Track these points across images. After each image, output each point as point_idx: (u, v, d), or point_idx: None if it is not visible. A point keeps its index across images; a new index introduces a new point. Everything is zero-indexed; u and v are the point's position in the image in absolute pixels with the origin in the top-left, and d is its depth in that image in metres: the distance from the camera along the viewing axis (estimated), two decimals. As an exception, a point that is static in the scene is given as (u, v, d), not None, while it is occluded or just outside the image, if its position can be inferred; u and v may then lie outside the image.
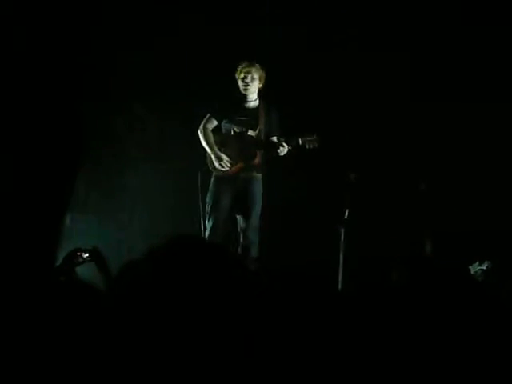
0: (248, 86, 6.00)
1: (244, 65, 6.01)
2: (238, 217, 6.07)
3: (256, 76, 6.00)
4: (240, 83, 6.02)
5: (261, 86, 6.06)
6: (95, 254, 3.73)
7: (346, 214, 5.85)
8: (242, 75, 6.00)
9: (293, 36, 6.74)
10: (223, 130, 6.13)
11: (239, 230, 6.07)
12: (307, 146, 6.01)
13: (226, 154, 6.06)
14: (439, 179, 6.56)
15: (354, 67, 6.71)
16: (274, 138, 6.07)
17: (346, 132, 6.73)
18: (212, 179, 6.09)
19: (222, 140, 6.13)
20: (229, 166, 6.04)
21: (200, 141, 6.14)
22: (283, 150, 6.01)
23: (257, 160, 6.08)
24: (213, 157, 6.07)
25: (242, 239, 6.02)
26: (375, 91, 6.71)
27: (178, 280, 1.50)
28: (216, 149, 6.08)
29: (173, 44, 6.76)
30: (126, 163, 6.97)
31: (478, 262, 5.34)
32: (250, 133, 6.07)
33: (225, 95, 6.15)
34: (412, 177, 6.60)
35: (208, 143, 6.10)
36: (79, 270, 3.62)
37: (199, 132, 6.14)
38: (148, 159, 7.06)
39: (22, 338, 1.55)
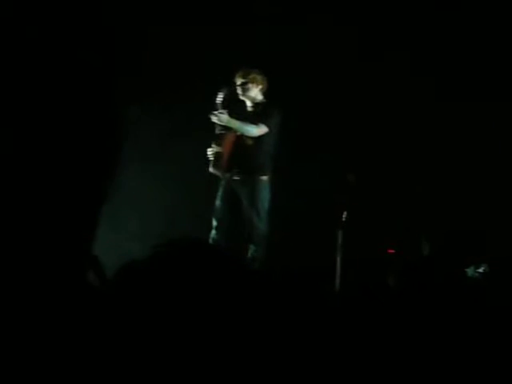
0: (245, 91, 6.07)
1: (241, 72, 6.08)
2: (248, 216, 6.05)
3: (253, 82, 6.06)
4: (238, 89, 6.08)
5: (260, 89, 6.10)
6: (94, 263, 3.72)
7: (344, 216, 5.84)
8: (239, 82, 6.06)
9: (295, 38, 6.75)
10: None
11: (249, 230, 6.07)
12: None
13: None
14: (437, 181, 6.56)
15: (353, 70, 6.72)
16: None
17: (345, 133, 6.73)
18: (221, 182, 6.13)
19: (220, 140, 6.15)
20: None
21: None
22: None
23: (250, 141, 6.03)
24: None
25: (252, 239, 6.03)
26: (373, 92, 6.72)
27: (179, 283, 1.50)
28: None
29: (171, 45, 6.76)
30: (122, 164, 6.94)
31: (475, 265, 5.34)
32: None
33: (228, 102, 6.15)
34: (410, 179, 6.60)
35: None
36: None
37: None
38: (143, 160, 7.05)
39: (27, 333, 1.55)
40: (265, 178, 6.08)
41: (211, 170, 6.11)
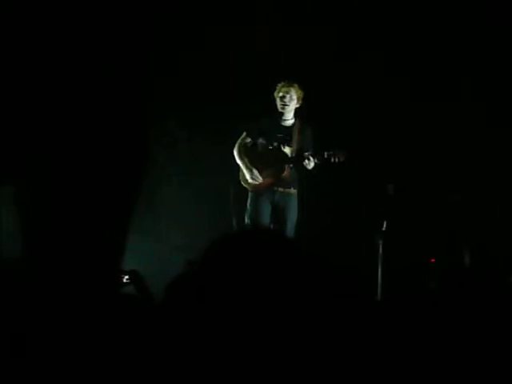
0: (286, 105, 6.15)
1: (283, 84, 6.15)
2: (278, 227, 6.12)
3: (294, 96, 6.14)
4: (278, 102, 6.17)
5: (298, 105, 6.19)
6: (134, 277, 3.75)
7: (384, 225, 5.82)
8: (281, 94, 6.15)
9: (328, 53, 6.78)
10: (259, 147, 6.26)
11: None
12: (332, 160, 6.04)
13: (256, 168, 6.18)
14: (479, 189, 6.50)
15: (389, 81, 6.72)
16: (305, 153, 6.13)
17: (384, 144, 6.71)
18: (250, 195, 6.22)
19: (254, 155, 6.25)
20: (260, 178, 6.16)
21: (235, 157, 6.28)
22: (309, 163, 6.09)
23: (285, 173, 6.15)
24: (245, 171, 6.20)
25: None
26: (410, 105, 6.70)
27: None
28: (248, 163, 6.22)
29: (206, 59, 6.82)
30: (161, 178, 7.02)
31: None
32: (286, 149, 6.18)
33: (262, 114, 6.27)
34: (450, 187, 6.55)
35: (241, 158, 6.26)
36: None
37: (234, 150, 6.30)
38: (181, 174, 7.12)
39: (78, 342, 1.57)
40: (294, 190, 6.20)
41: (247, 181, 6.21)
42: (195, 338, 1.48)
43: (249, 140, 6.27)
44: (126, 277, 3.72)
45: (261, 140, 6.23)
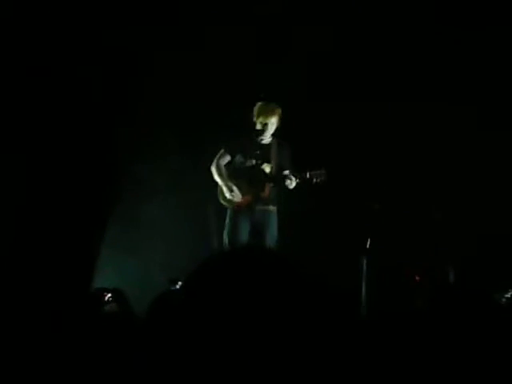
0: (266, 130, 6.16)
1: (263, 108, 6.16)
2: (259, 243, 6.13)
3: (274, 121, 6.15)
4: (258, 126, 6.17)
5: (277, 126, 6.21)
6: (117, 295, 3.73)
7: (368, 243, 5.82)
8: (261, 119, 6.15)
9: (308, 71, 6.81)
10: (237, 165, 6.26)
11: None
12: (314, 180, 6.05)
13: (236, 186, 6.18)
14: (462, 207, 6.52)
15: (374, 97, 6.75)
16: (285, 172, 6.13)
17: (368, 163, 6.74)
18: (228, 212, 6.23)
19: (234, 173, 6.27)
20: (239, 196, 6.14)
21: (213, 175, 6.28)
22: (291, 183, 6.09)
23: (266, 192, 6.16)
24: (224, 188, 6.20)
25: None
26: (396, 126, 6.73)
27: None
28: (227, 181, 6.23)
29: (193, 75, 6.84)
30: (143, 195, 7.00)
31: (501, 291, 5.29)
32: (265, 166, 6.18)
33: (240, 131, 6.29)
34: (433, 205, 6.57)
35: (220, 176, 6.28)
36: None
37: (212, 166, 6.30)
38: (165, 190, 7.11)
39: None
40: (273, 207, 6.22)
41: (226, 199, 6.21)
42: (179, 357, 1.47)
43: (227, 157, 6.28)
44: (109, 295, 3.71)
45: (238, 157, 6.23)
